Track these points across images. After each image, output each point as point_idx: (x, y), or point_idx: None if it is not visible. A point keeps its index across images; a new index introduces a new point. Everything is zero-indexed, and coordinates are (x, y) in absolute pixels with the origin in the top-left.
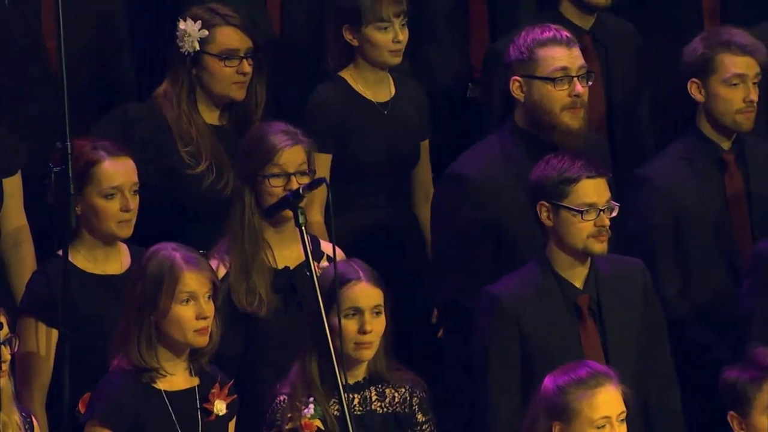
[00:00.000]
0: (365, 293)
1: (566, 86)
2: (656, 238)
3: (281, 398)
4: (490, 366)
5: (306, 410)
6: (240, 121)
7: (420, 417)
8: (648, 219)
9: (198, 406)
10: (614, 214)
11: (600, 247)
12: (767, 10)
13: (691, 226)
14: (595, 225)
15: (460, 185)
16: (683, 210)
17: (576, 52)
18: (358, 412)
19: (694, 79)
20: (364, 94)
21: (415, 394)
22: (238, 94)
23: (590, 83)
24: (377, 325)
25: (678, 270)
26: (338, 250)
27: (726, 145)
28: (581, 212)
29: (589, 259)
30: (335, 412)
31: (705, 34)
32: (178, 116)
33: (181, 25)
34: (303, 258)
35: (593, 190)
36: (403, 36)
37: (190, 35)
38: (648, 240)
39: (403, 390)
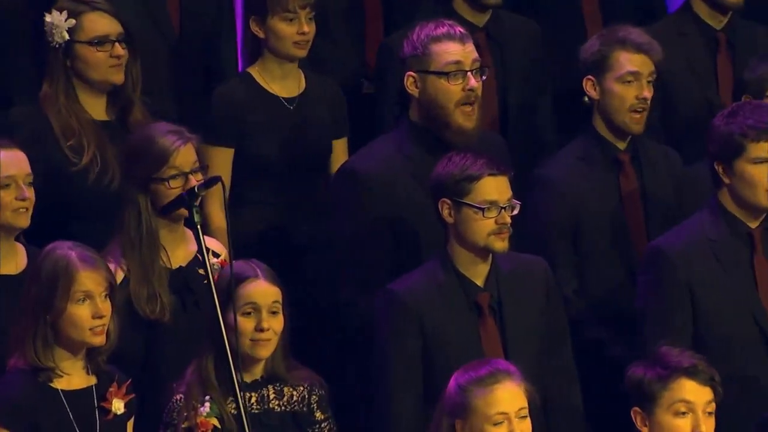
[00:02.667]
0: (262, 291)
1: (460, 81)
2: (554, 237)
3: (177, 397)
4: (390, 364)
5: (202, 408)
6: (122, 107)
7: (319, 415)
8: (545, 218)
9: (96, 405)
10: (515, 212)
11: (501, 245)
12: (646, 13)
13: (588, 225)
14: (496, 222)
15: (356, 181)
16: (580, 209)
17: (470, 47)
18: (256, 411)
19: (589, 77)
20: (270, 89)
21: (313, 393)
22: (117, 78)
23: (484, 78)
24: (275, 323)
25: (575, 268)
26: (220, 245)
27: (621, 144)
28: (483, 210)
29: (491, 256)
30: (232, 411)
31: (603, 31)
32: (59, 111)
33: (48, 18)
34: (191, 256)
35: (495, 187)
36: (309, 29)
37: (57, 27)
38: (545, 239)
39: (302, 388)
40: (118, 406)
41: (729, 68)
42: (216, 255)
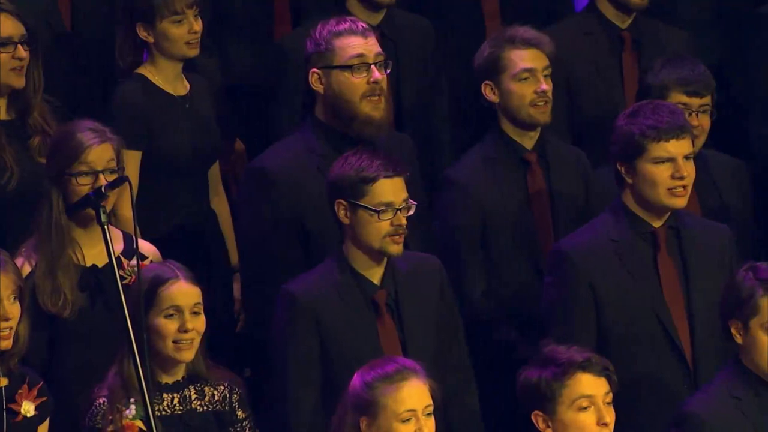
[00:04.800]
0: (184, 292)
1: (364, 74)
2: (461, 239)
3: (100, 401)
4: (289, 363)
5: (127, 411)
6: (21, 107)
7: (240, 414)
8: (453, 220)
9: (4, 406)
10: (411, 212)
11: (396, 248)
12: (549, 13)
13: (496, 226)
14: (391, 224)
15: (263, 179)
16: (488, 210)
17: (372, 40)
18: (179, 412)
19: (487, 82)
20: (165, 89)
21: (234, 392)
22: (17, 82)
23: (388, 71)
24: (197, 324)
25: (483, 270)
26: (155, 250)
27: (528, 144)
28: (378, 212)
29: None
30: (156, 412)
31: (492, 36)
32: None
33: None
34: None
35: (390, 189)
36: (198, 26)
37: None
38: (453, 240)
39: (222, 387)
40: (27, 408)
41: (634, 68)
42: (143, 257)
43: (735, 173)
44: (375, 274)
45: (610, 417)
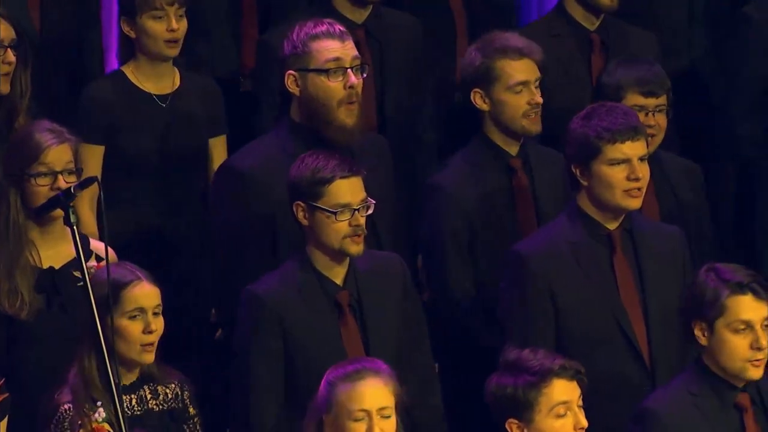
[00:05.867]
0: (147, 293)
1: (340, 78)
2: (447, 245)
3: (65, 407)
4: (252, 365)
5: (96, 415)
6: (7, 111)
7: (191, 411)
8: (440, 226)
9: None
10: (370, 211)
11: (356, 248)
12: (510, 17)
13: (482, 231)
14: (350, 225)
15: (236, 179)
16: (473, 216)
17: (349, 44)
18: (138, 413)
19: (476, 89)
20: (143, 87)
21: (185, 389)
22: (3, 87)
23: (365, 75)
24: (159, 325)
25: (470, 274)
26: (110, 251)
27: (513, 150)
28: (335, 213)
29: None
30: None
31: (479, 43)
32: None
33: None
34: (70, 258)
35: (347, 190)
36: (179, 25)
37: None
38: (440, 247)
39: (173, 386)
40: None
41: (603, 69)
42: (99, 258)
43: (689, 174)
44: (338, 275)
45: (585, 421)
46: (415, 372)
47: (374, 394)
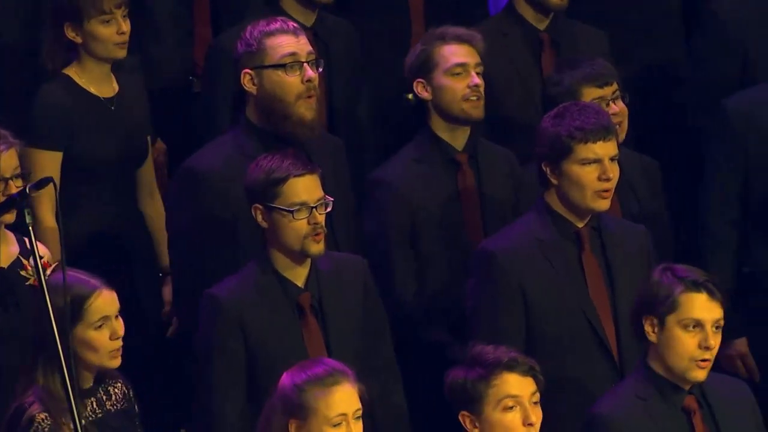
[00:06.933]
0: (109, 300)
1: (297, 72)
2: (391, 240)
3: (42, 416)
4: (213, 368)
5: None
6: None
7: (136, 408)
8: (383, 221)
9: None
10: (329, 209)
11: (316, 248)
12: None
13: (426, 227)
14: (309, 223)
15: (194, 180)
16: (418, 211)
17: (303, 39)
18: (100, 415)
19: (419, 79)
20: (90, 91)
21: (128, 387)
22: None
23: (320, 69)
24: (120, 328)
25: (413, 270)
26: (43, 247)
27: (459, 145)
28: (292, 212)
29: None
30: (83, 419)
31: (423, 36)
32: None
33: None
34: (14, 258)
35: (303, 188)
36: (126, 27)
37: None
38: (384, 242)
39: (120, 385)
40: None
41: (553, 68)
42: (39, 257)
43: (645, 171)
44: (299, 277)
45: (536, 417)
46: (378, 372)
47: (349, 398)
